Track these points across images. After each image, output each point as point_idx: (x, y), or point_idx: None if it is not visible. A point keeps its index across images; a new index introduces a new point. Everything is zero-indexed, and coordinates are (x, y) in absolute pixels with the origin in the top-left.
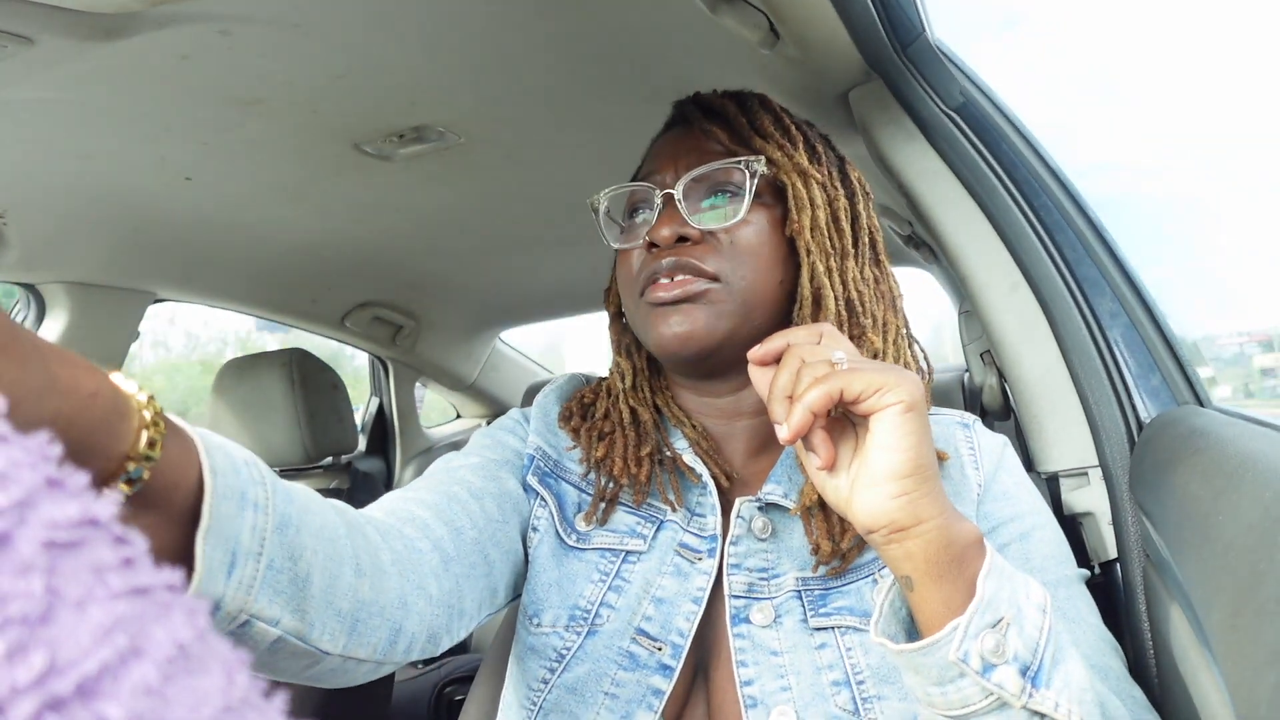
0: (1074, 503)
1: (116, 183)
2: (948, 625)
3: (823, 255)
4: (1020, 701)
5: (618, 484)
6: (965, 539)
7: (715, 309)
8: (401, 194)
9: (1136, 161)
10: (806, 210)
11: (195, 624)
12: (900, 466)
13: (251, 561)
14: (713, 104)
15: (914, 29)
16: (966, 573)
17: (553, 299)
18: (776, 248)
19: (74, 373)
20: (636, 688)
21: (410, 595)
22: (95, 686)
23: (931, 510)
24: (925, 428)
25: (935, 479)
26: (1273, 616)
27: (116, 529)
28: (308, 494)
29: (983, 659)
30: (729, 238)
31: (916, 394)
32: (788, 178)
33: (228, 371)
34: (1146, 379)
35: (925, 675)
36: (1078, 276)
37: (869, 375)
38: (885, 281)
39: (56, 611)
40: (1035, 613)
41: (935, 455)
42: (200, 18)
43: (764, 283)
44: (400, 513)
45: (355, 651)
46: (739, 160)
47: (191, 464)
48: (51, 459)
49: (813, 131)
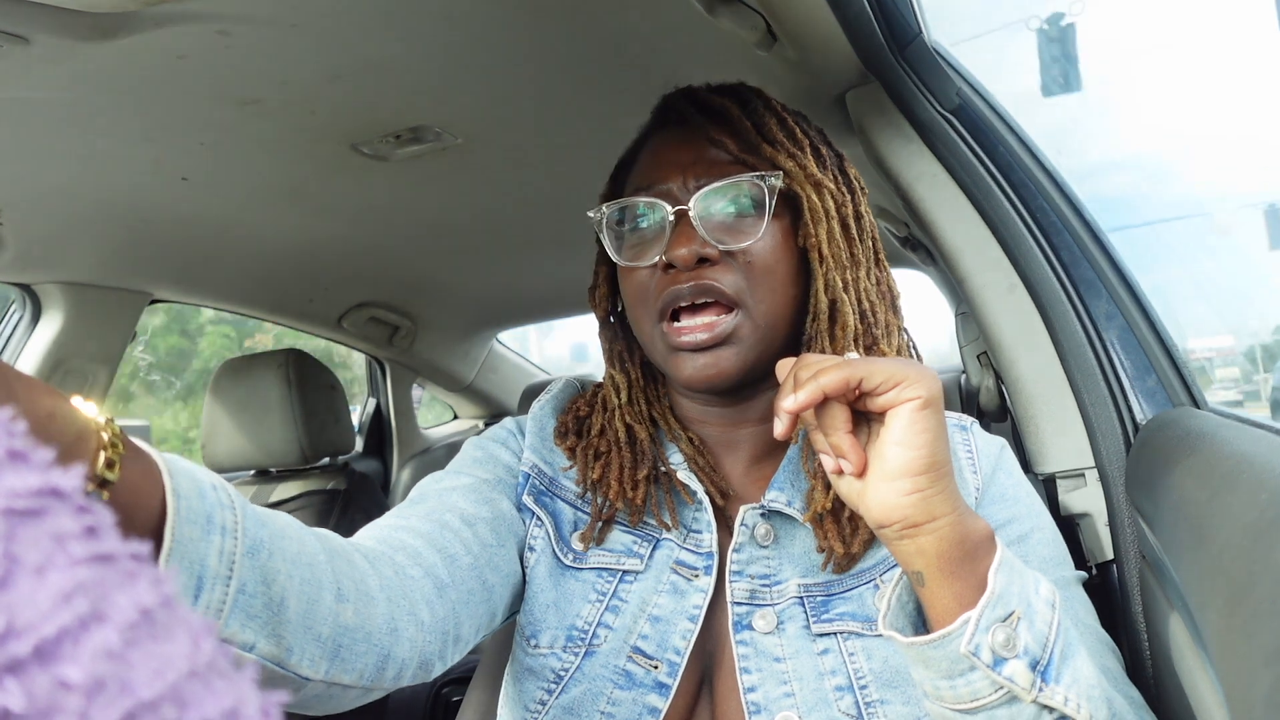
0: (1070, 504)
1: (113, 183)
2: (959, 618)
3: (839, 268)
4: (1031, 695)
5: (613, 506)
6: (978, 535)
7: (742, 345)
8: (399, 194)
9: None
10: (823, 222)
11: (160, 590)
12: (916, 463)
13: (220, 585)
14: (712, 104)
15: (911, 31)
16: (978, 568)
17: (550, 300)
18: (791, 261)
19: (31, 393)
20: (633, 706)
21: (400, 621)
22: (54, 649)
23: (945, 507)
24: (942, 424)
25: (949, 476)
26: (1267, 617)
27: (80, 499)
28: (284, 519)
29: (994, 652)
30: (747, 257)
31: (935, 390)
32: (802, 189)
33: (224, 372)
34: (1142, 380)
35: (935, 669)
36: (1074, 278)
37: (889, 367)
38: (885, 281)
39: (15, 576)
40: (1045, 608)
41: (949, 455)
42: (197, 17)
43: (781, 301)
44: (391, 540)
45: (339, 677)
46: (759, 175)
47: (154, 487)
48: (14, 433)
49: (811, 129)
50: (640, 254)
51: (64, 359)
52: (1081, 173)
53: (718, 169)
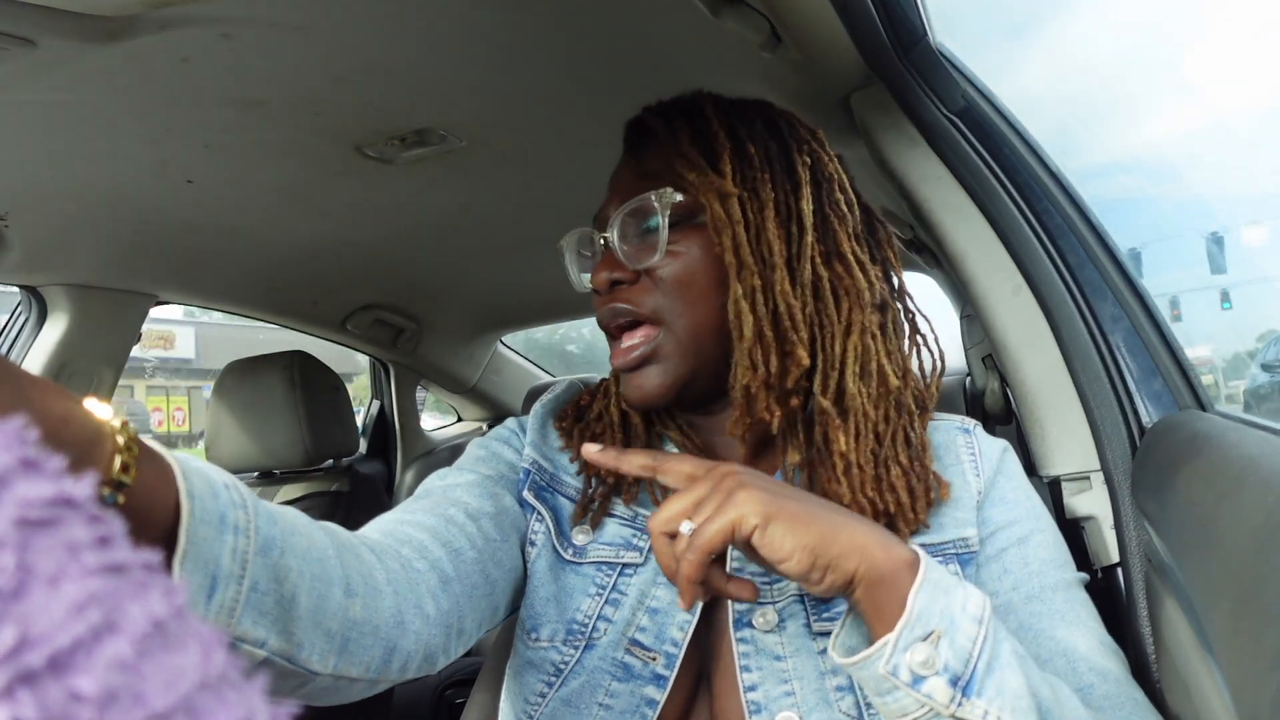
0: (1076, 507)
1: (118, 185)
2: (880, 640)
3: (749, 274)
4: (949, 710)
5: (606, 485)
6: (894, 564)
7: (666, 363)
8: (403, 197)
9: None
10: (727, 230)
11: (172, 601)
12: (801, 566)
13: (233, 585)
14: (646, 124)
15: (916, 32)
16: (900, 592)
17: (554, 302)
18: (711, 273)
19: (46, 397)
20: (630, 698)
21: (407, 614)
22: (68, 660)
23: (854, 559)
24: (789, 515)
25: (837, 538)
26: (1275, 621)
27: (92, 509)
28: (293, 515)
29: (912, 671)
30: (660, 274)
31: (760, 504)
32: (706, 199)
33: (229, 374)
34: (1148, 383)
35: (868, 687)
36: (1079, 280)
37: (715, 524)
38: (849, 275)
39: (29, 587)
40: (970, 624)
41: (817, 511)
42: (202, 20)
43: (704, 314)
44: (396, 534)
45: (347, 671)
46: (650, 193)
47: (168, 488)
48: (27, 441)
49: (752, 127)
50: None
51: (69, 360)
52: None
53: (635, 190)
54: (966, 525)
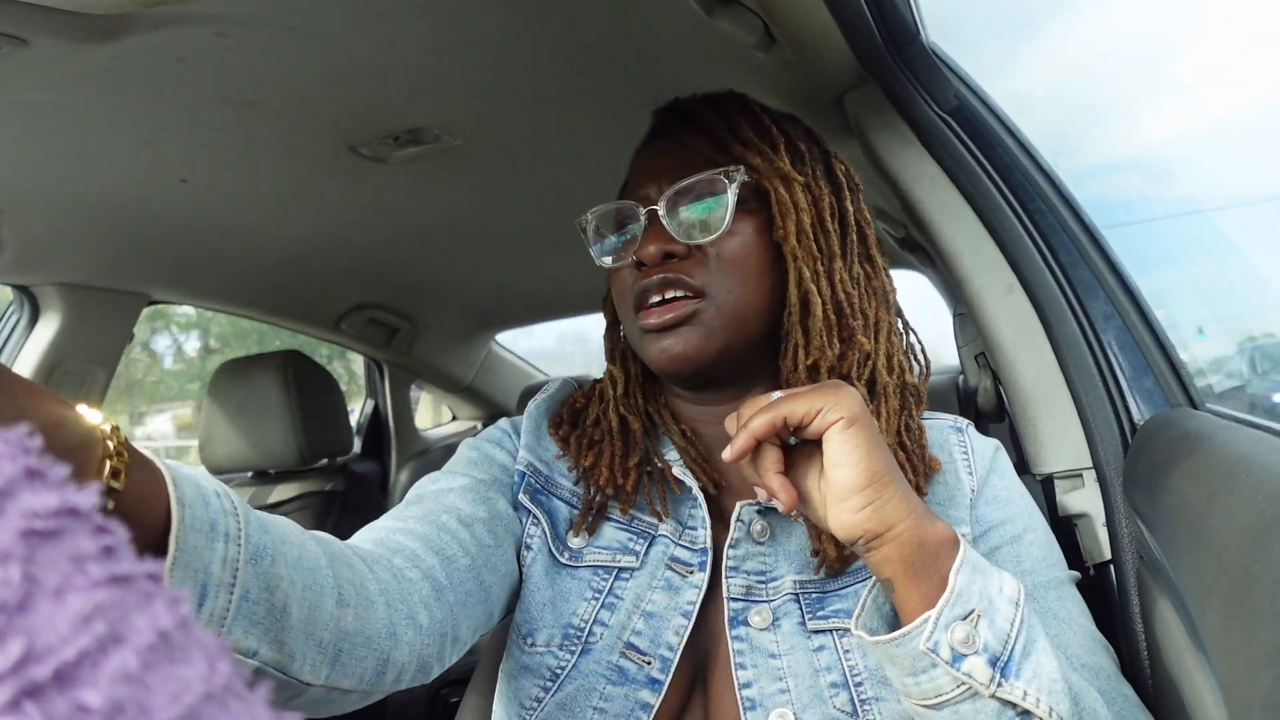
0: (1068, 504)
1: (111, 184)
2: (919, 617)
3: (809, 259)
4: (989, 690)
5: (604, 494)
6: (938, 538)
7: (706, 329)
8: (397, 196)
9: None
10: (791, 215)
11: (177, 612)
12: (857, 479)
13: (224, 593)
14: (690, 111)
15: (909, 32)
16: (940, 569)
17: (549, 301)
18: (764, 255)
19: (39, 402)
20: (625, 702)
21: (399, 625)
22: (74, 673)
23: (900, 513)
24: (871, 437)
25: (895, 483)
26: (1267, 618)
27: (97, 519)
28: (284, 524)
29: (953, 649)
30: (715, 250)
31: (855, 408)
32: (770, 183)
33: (223, 373)
34: (1140, 381)
35: (900, 666)
36: (1072, 279)
37: (808, 399)
38: (878, 277)
39: (35, 599)
40: (1007, 606)
41: (891, 460)
42: (196, 19)
43: (753, 293)
44: (389, 543)
45: (340, 682)
46: (719, 170)
47: (159, 495)
48: (31, 451)
49: (796, 128)
50: (622, 255)
51: (61, 360)
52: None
53: (688, 170)
54: (960, 524)
